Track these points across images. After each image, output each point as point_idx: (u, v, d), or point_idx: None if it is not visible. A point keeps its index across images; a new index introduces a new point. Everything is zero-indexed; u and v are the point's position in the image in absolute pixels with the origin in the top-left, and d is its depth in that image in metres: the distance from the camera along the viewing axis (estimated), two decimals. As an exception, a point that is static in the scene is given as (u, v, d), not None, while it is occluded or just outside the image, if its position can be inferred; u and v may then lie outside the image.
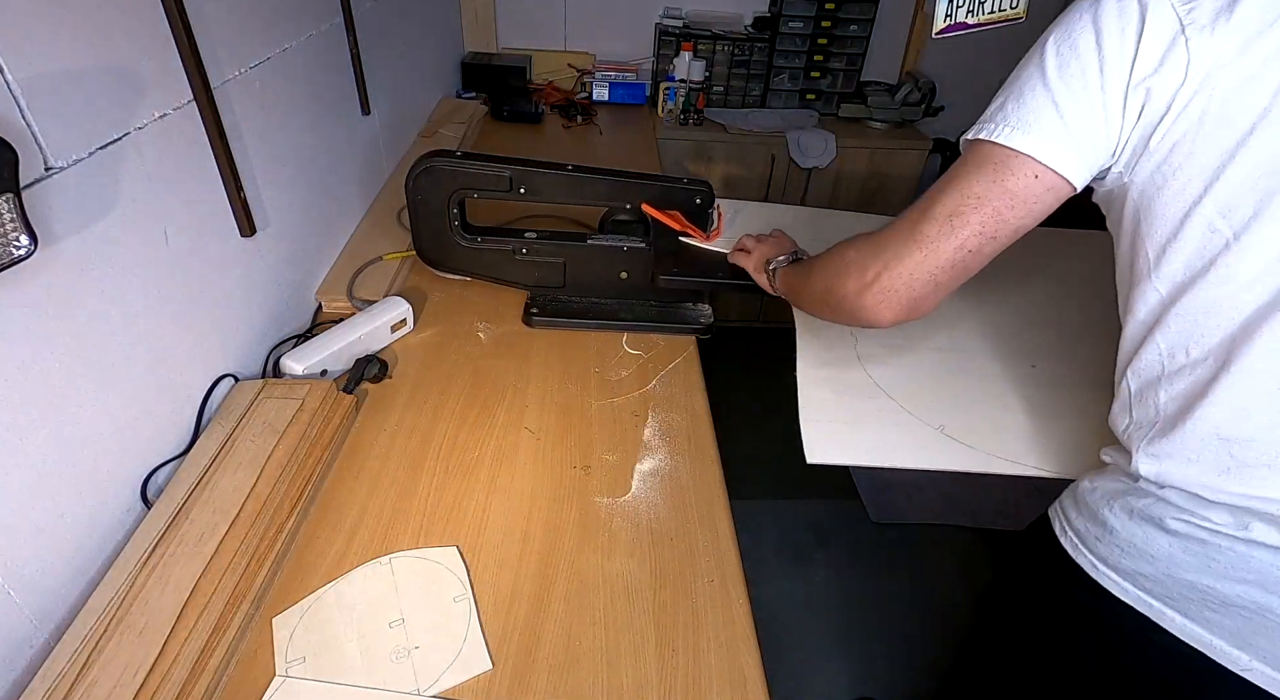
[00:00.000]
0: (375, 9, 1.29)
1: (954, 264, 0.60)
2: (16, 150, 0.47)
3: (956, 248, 0.59)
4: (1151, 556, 0.58)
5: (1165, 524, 0.57)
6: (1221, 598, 0.55)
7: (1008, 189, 0.57)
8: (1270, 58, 0.48)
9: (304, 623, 0.62)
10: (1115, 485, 0.63)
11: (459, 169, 0.97)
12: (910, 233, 0.61)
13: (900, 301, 0.63)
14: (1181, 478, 0.57)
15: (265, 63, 0.89)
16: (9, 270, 0.50)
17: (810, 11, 2.10)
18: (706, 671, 0.60)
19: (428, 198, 0.99)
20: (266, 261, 0.92)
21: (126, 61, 0.64)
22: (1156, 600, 0.58)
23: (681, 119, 2.09)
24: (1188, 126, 0.51)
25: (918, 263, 0.61)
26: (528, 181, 0.98)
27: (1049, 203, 0.57)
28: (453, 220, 1.01)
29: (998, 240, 0.59)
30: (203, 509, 0.67)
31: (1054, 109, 0.54)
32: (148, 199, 0.67)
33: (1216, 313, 0.54)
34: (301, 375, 0.86)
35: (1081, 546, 0.64)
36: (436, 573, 0.67)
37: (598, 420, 0.87)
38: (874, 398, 0.84)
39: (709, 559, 0.70)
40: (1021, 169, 0.56)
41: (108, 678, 0.54)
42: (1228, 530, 0.54)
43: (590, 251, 1.03)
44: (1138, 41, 0.51)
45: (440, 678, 0.59)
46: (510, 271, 1.07)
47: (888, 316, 0.65)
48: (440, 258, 1.06)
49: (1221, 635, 0.56)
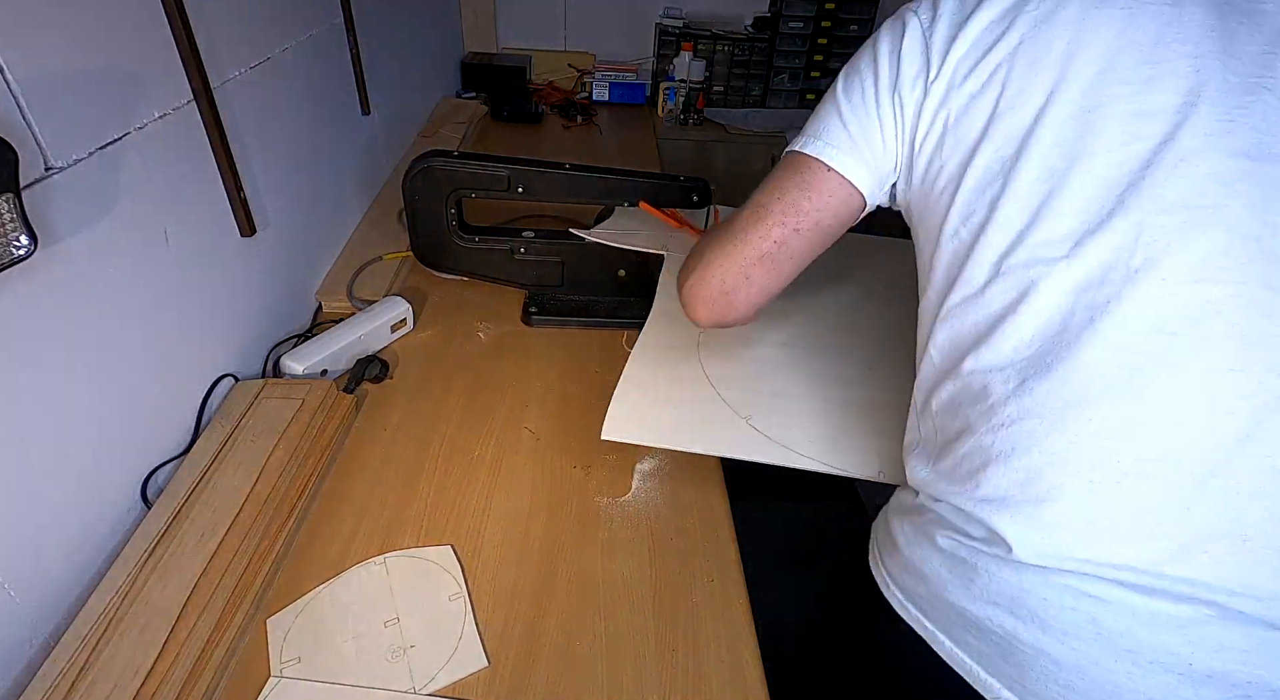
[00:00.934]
0: (375, 9, 1.29)
1: (762, 256, 0.64)
2: (16, 150, 0.47)
3: (761, 237, 0.64)
4: (924, 575, 0.56)
5: (936, 541, 0.56)
6: (975, 621, 0.53)
7: (805, 182, 0.62)
8: (988, 79, 0.53)
9: (298, 624, 0.62)
10: (906, 500, 0.63)
11: (457, 169, 0.97)
12: (725, 228, 0.67)
13: (712, 295, 0.67)
14: (949, 492, 0.56)
15: (265, 63, 0.89)
16: (9, 270, 0.50)
17: (810, 11, 2.09)
18: (706, 671, 0.60)
19: (425, 198, 0.99)
20: (266, 261, 0.92)
21: (126, 61, 0.64)
22: (930, 622, 0.56)
23: (681, 119, 2.09)
24: (935, 140, 0.57)
25: (728, 254, 0.65)
26: (526, 181, 0.98)
27: (841, 199, 0.62)
28: (450, 220, 1.01)
29: (800, 233, 0.63)
30: (203, 509, 0.67)
31: (839, 121, 0.61)
32: (148, 199, 0.67)
33: (968, 323, 0.55)
34: (301, 375, 0.86)
35: (880, 562, 0.63)
36: (431, 572, 0.67)
37: (598, 420, 0.87)
38: (696, 384, 0.83)
39: (709, 559, 0.70)
40: (817, 169, 0.62)
41: (108, 678, 0.54)
42: (984, 549, 0.52)
43: (588, 250, 1.03)
44: (897, 62, 0.57)
45: (436, 676, 0.59)
46: (508, 271, 1.07)
47: (702, 313, 0.69)
48: (438, 258, 1.06)
49: (978, 660, 0.53)
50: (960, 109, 0.55)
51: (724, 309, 0.68)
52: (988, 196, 0.53)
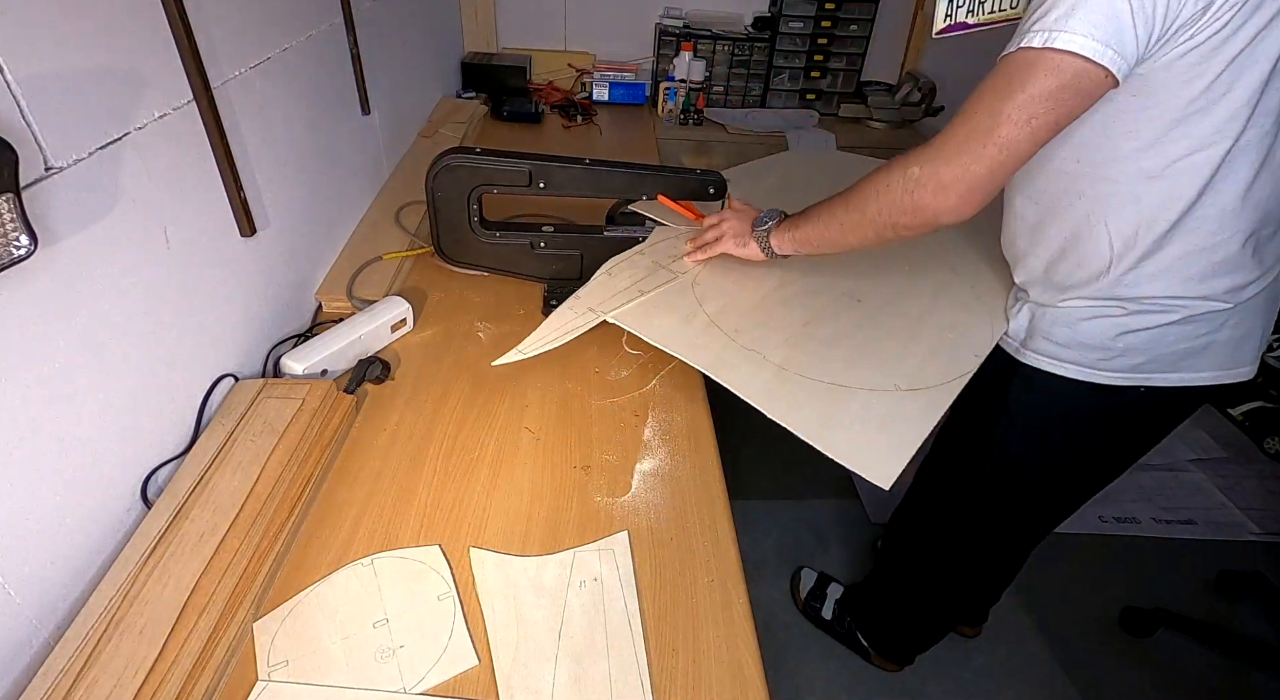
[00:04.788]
0: (375, 9, 1.29)
1: (1024, 159, 0.69)
2: (16, 150, 0.47)
3: (1030, 148, 0.68)
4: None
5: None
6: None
7: (1081, 92, 0.65)
8: None
9: (285, 627, 0.62)
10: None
11: (479, 165, 0.99)
12: (987, 137, 0.68)
13: (980, 197, 0.71)
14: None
15: (265, 63, 0.89)
16: (9, 270, 0.50)
17: (810, 11, 2.09)
18: (706, 671, 0.60)
19: (448, 194, 1.02)
20: (266, 261, 0.92)
21: (126, 61, 0.64)
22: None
23: (681, 119, 2.09)
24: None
25: (1000, 163, 0.68)
26: (546, 176, 1.01)
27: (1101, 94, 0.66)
28: (472, 216, 1.04)
29: (1060, 132, 0.68)
30: (203, 509, 0.67)
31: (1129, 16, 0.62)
32: (148, 199, 0.67)
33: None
34: (302, 375, 0.86)
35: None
36: (420, 572, 0.67)
37: (598, 420, 0.87)
38: (690, 307, 0.92)
39: (709, 559, 0.70)
40: (1096, 75, 0.64)
41: (108, 677, 0.54)
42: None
43: (606, 243, 1.06)
44: None
45: (426, 675, 0.59)
46: (528, 265, 1.09)
47: (968, 212, 0.73)
48: (460, 253, 1.09)
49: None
50: None
51: (982, 206, 0.75)
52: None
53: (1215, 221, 0.73)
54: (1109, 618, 1.58)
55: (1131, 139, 0.71)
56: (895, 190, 0.76)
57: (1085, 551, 1.73)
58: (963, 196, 0.71)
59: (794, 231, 0.92)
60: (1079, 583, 1.66)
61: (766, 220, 0.96)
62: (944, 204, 0.72)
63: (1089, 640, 1.54)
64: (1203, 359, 0.81)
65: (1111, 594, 1.62)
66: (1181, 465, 2.01)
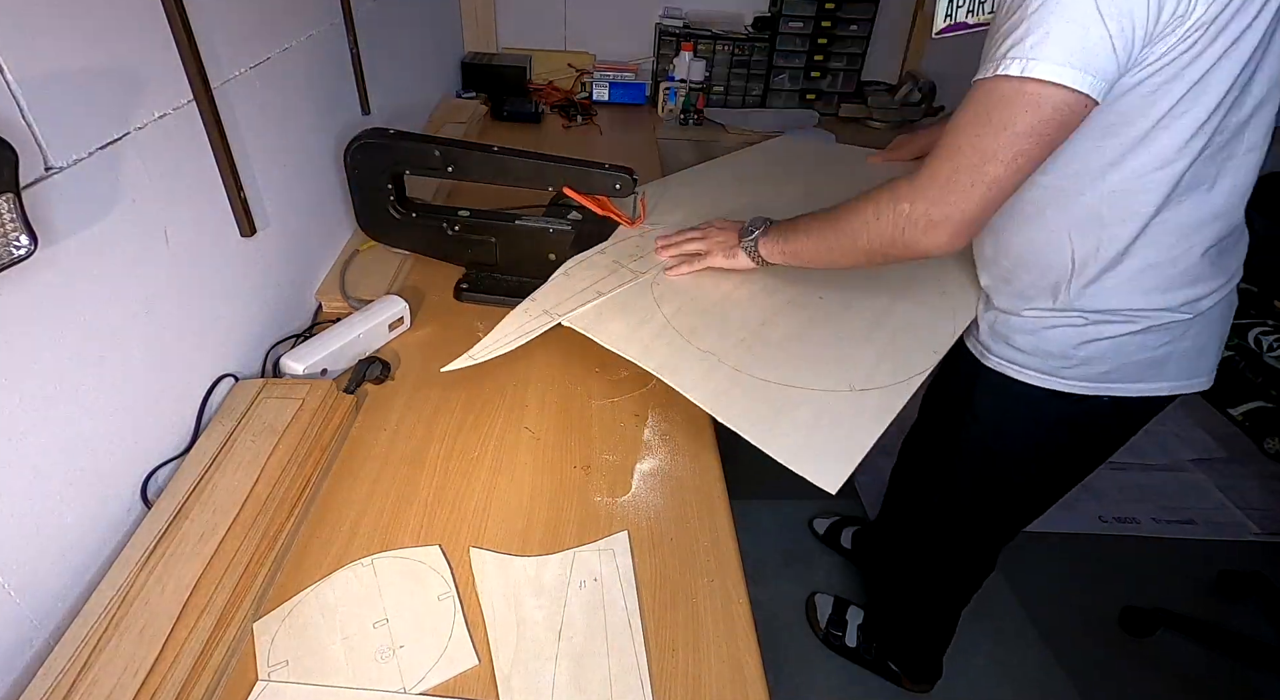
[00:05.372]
0: (375, 9, 1.29)
1: (1011, 192, 0.69)
2: (16, 150, 0.47)
3: (1018, 181, 0.68)
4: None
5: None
6: None
7: (1063, 123, 0.64)
8: None
9: (285, 627, 0.62)
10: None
11: (390, 145, 1.01)
12: (975, 175, 0.68)
13: (970, 232, 0.72)
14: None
15: (265, 63, 0.89)
16: (9, 270, 0.50)
17: (810, 11, 2.09)
18: (706, 671, 0.60)
19: (365, 172, 1.03)
20: (266, 261, 0.92)
21: (126, 61, 0.64)
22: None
23: (682, 119, 2.09)
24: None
25: (989, 200, 0.68)
26: (456, 160, 1.02)
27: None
28: (388, 195, 1.05)
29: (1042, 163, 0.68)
30: (203, 509, 0.67)
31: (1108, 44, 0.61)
32: (148, 199, 0.67)
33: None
34: (301, 375, 0.86)
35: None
36: (420, 572, 0.67)
37: (598, 420, 0.87)
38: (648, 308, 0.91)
39: (709, 559, 0.70)
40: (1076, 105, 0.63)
41: (108, 678, 0.54)
42: None
43: (518, 232, 1.05)
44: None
45: (426, 675, 0.59)
46: (445, 248, 1.10)
47: (960, 245, 0.73)
48: (380, 231, 1.11)
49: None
50: None
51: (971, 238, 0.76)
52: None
53: (1175, 234, 0.74)
54: (1109, 618, 1.58)
55: (1097, 155, 0.71)
56: (885, 224, 0.75)
57: (1085, 551, 1.73)
58: (954, 234, 0.71)
59: (784, 243, 0.90)
60: (1079, 583, 1.66)
61: (753, 229, 0.94)
62: (935, 242, 0.72)
63: (1089, 640, 1.54)
64: (1164, 370, 0.82)
65: (1111, 594, 1.63)
66: (1181, 465, 2.01)
